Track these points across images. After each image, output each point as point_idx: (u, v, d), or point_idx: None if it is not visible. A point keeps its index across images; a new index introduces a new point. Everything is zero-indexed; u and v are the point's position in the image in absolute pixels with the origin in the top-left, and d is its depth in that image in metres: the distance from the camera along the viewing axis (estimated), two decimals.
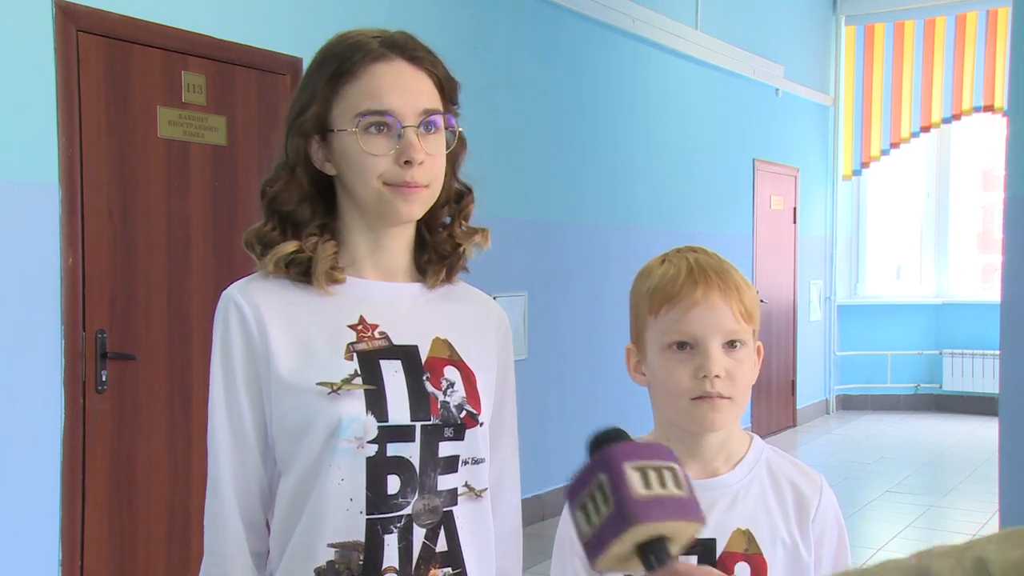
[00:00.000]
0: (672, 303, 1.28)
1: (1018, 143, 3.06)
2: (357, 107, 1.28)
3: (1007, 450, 3.11)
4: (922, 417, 8.89)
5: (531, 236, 5.38)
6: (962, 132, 9.20)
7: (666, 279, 1.29)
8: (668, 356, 1.28)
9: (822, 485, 1.34)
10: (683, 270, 1.29)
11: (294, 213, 1.33)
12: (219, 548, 1.28)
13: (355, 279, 1.34)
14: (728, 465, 1.32)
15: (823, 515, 1.32)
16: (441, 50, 1.43)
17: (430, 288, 1.39)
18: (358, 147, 1.27)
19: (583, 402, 5.83)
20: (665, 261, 1.34)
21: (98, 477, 3.29)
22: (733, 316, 1.28)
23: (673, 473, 0.95)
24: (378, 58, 1.29)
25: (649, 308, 1.30)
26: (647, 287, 1.32)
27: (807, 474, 1.35)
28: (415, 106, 1.29)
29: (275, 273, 1.32)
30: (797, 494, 1.32)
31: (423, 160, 1.28)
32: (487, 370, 1.39)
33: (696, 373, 1.26)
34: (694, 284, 1.27)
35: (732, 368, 1.27)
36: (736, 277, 1.31)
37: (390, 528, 1.26)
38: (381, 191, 1.28)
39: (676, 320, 1.27)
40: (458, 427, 1.32)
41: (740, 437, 1.35)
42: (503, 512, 1.45)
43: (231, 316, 1.29)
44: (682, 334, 1.27)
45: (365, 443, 1.25)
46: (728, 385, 1.26)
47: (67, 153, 3.17)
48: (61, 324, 3.18)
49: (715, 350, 1.26)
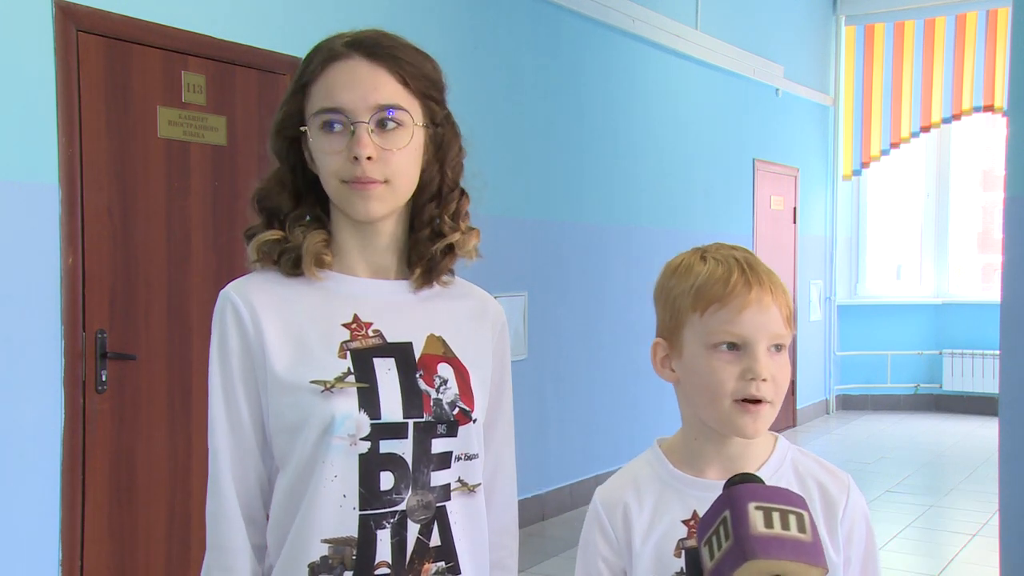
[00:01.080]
0: (723, 303, 1.25)
1: (1018, 143, 3.06)
2: (314, 106, 1.31)
3: (1007, 450, 3.11)
4: (922, 417, 8.89)
5: (531, 236, 5.38)
6: (962, 132, 9.20)
7: (716, 277, 1.27)
8: (714, 356, 1.26)
9: (849, 485, 1.32)
10: (735, 270, 1.27)
11: (277, 206, 1.36)
12: (221, 542, 1.30)
13: (348, 277, 1.36)
14: (754, 465, 1.30)
15: (851, 515, 1.30)
16: (441, 50, 1.43)
17: (416, 288, 1.38)
18: (317, 145, 1.31)
19: (583, 402, 5.83)
20: (707, 259, 1.31)
21: (98, 477, 3.29)
22: (781, 319, 1.27)
23: (799, 517, 0.97)
24: (335, 57, 1.31)
25: (694, 305, 1.27)
26: (691, 284, 1.29)
27: (834, 474, 1.33)
28: (367, 102, 1.29)
29: (262, 263, 1.34)
30: (824, 494, 1.30)
31: (371, 155, 1.28)
32: (482, 366, 1.40)
33: (744, 375, 1.24)
34: (748, 285, 1.25)
35: (776, 372, 1.25)
36: (780, 280, 1.30)
37: (383, 524, 1.27)
38: (339, 188, 1.31)
39: (727, 320, 1.25)
40: (451, 424, 1.33)
41: (765, 437, 1.34)
42: (499, 505, 1.46)
43: (227, 314, 1.31)
44: (732, 335, 1.25)
45: (358, 440, 1.27)
46: (771, 389, 1.25)
47: (67, 153, 3.17)
48: (61, 324, 3.18)
49: (763, 353, 1.25)
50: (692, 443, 1.32)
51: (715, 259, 1.30)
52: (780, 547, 0.95)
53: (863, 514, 1.32)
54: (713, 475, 1.30)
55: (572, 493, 5.59)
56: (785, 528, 0.95)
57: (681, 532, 1.28)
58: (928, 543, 5.15)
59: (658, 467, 1.34)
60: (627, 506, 1.31)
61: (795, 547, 0.96)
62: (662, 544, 1.27)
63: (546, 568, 4.65)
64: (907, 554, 4.94)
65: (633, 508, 1.31)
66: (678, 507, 1.29)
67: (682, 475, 1.31)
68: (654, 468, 1.34)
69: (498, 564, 1.45)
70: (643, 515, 1.30)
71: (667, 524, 1.28)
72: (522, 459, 1.54)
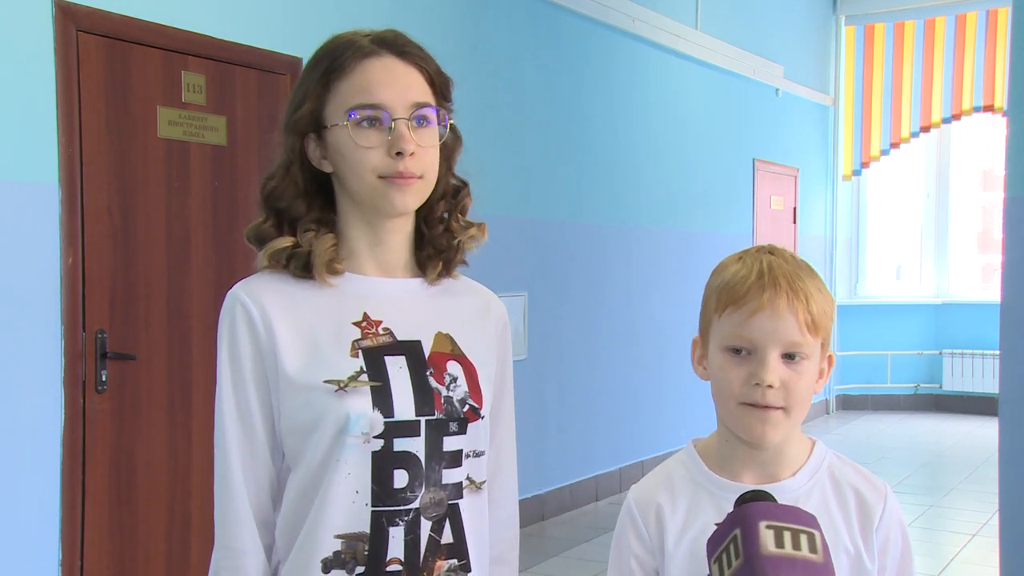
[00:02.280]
0: (737, 305, 1.24)
1: (1018, 143, 3.06)
2: (349, 102, 1.31)
3: (1007, 450, 3.11)
4: (922, 417, 8.89)
5: (531, 236, 5.38)
6: (962, 132, 9.20)
7: (736, 279, 1.25)
8: (725, 358, 1.25)
9: (887, 493, 1.31)
10: (753, 272, 1.25)
11: (290, 209, 1.35)
12: (231, 543, 1.30)
13: (357, 276, 1.36)
14: (789, 471, 1.29)
15: (887, 523, 1.28)
16: (441, 50, 1.44)
17: (430, 283, 1.41)
18: (351, 141, 1.30)
19: (583, 402, 5.83)
20: (741, 259, 1.29)
21: (98, 477, 3.29)
22: (797, 327, 1.22)
23: (810, 537, 0.96)
24: (368, 54, 1.32)
25: (716, 306, 1.27)
26: (718, 283, 1.28)
27: (871, 481, 1.32)
28: (405, 99, 1.31)
29: (271, 267, 1.34)
30: (860, 501, 1.29)
31: (414, 151, 1.30)
32: (487, 363, 1.42)
33: (749, 379, 1.23)
34: (761, 288, 1.23)
35: (789, 379, 1.23)
36: (808, 285, 1.24)
37: (396, 521, 1.28)
38: (375, 184, 1.31)
39: (738, 324, 1.23)
40: (461, 421, 1.34)
41: (801, 441, 1.32)
42: (501, 500, 1.47)
43: (238, 316, 1.31)
44: (741, 339, 1.23)
45: (371, 438, 1.28)
46: (782, 396, 1.23)
47: (67, 153, 3.17)
48: (61, 324, 3.18)
49: (772, 359, 1.22)
50: (724, 445, 1.31)
51: (745, 261, 1.28)
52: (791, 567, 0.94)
53: (899, 523, 1.30)
54: (748, 479, 1.29)
55: (572, 493, 5.59)
56: (796, 548, 0.95)
57: None
58: (928, 543, 5.15)
59: (692, 468, 1.33)
60: (660, 506, 1.30)
61: (805, 568, 0.95)
62: (696, 546, 1.26)
63: (546, 568, 4.64)
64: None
65: (666, 508, 1.30)
66: (712, 509, 1.28)
67: (717, 478, 1.30)
68: (688, 469, 1.33)
69: (499, 558, 1.47)
70: (677, 516, 1.29)
71: (701, 526, 1.27)
72: (522, 459, 1.55)
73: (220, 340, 1.32)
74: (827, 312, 1.26)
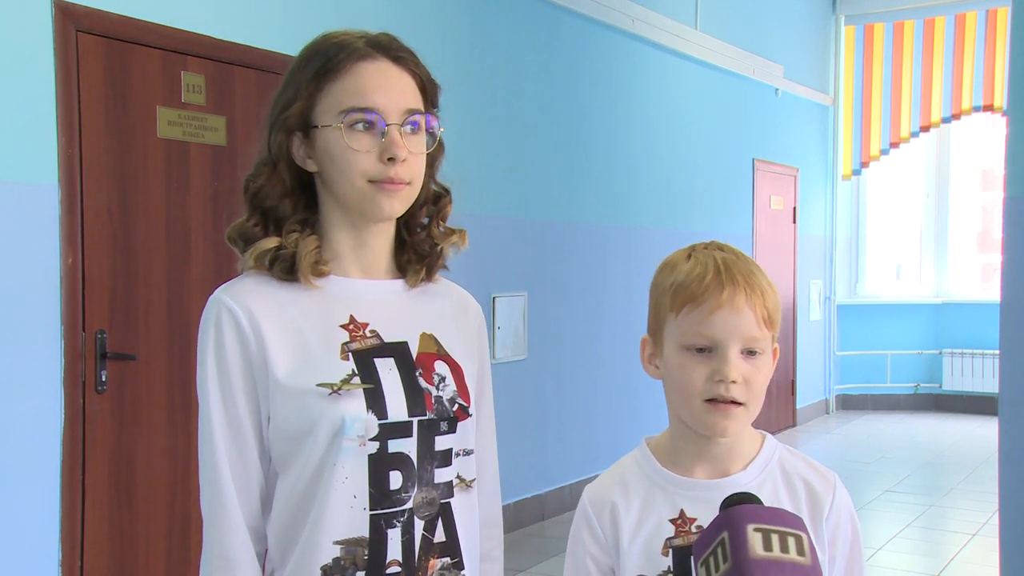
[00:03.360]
0: (696, 303, 1.25)
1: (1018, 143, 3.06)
2: (342, 104, 1.30)
3: (1007, 450, 3.11)
4: (922, 417, 8.89)
5: (531, 236, 5.38)
6: (962, 132, 9.20)
7: (691, 277, 1.26)
8: (686, 356, 1.26)
9: (835, 483, 1.32)
10: (710, 269, 1.26)
11: (276, 208, 1.35)
12: (224, 553, 1.29)
13: (340, 278, 1.36)
14: (740, 464, 1.31)
15: (837, 514, 1.30)
16: (441, 50, 1.44)
17: (411, 286, 1.41)
18: (342, 143, 1.29)
19: (583, 402, 5.83)
20: (692, 257, 1.30)
21: (98, 477, 3.29)
22: (756, 322, 1.25)
23: (798, 540, 0.97)
24: (363, 57, 1.31)
25: (671, 305, 1.27)
26: (671, 282, 1.29)
27: (820, 472, 1.34)
28: (399, 105, 1.31)
29: (256, 269, 1.34)
30: (810, 493, 1.31)
31: (405, 157, 1.30)
32: (470, 361, 1.43)
33: (712, 376, 1.24)
34: (720, 286, 1.24)
35: (749, 374, 1.25)
36: (762, 280, 1.28)
37: (393, 523, 1.29)
38: (364, 187, 1.30)
39: (698, 322, 1.25)
40: (451, 420, 1.35)
41: (752, 436, 1.34)
42: (485, 498, 1.47)
43: (224, 321, 1.29)
44: (702, 337, 1.24)
45: (367, 441, 1.27)
46: (743, 391, 1.25)
47: (67, 153, 3.17)
48: (61, 324, 3.18)
49: (734, 355, 1.24)
50: (678, 441, 1.33)
51: (697, 258, 1.29)
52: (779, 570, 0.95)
53: (849, 513, 1.32)
54: (700, 474, 1.31)
55: (572, 493, 5.59)
56: (784, 551, 0.95)
57: (669, 531, 1.28)
58: (928, 543, 5.15)
59: (646, 466, 1.34)
60: (615, 504, 1.32)
61: (793, 570, 0.95)
62: (650, 542, 1.28)
63: (546, 568, 4.65)
64: (907, 554, 4.94)
65: (621, 506, 1.31)
66: (665, 506, 1.30)
67: (669, 474, 1.32)
68: (642, 467, 1.35)
69: (487, 555, 1.48)
70: (631, 514, 1.31)
71: (655, 522, 1.29)
72: (522, 459, 1.55)
73: (204, 346, 1.30)
74: (778, 306, 1.30)
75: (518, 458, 5.10)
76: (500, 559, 1.52)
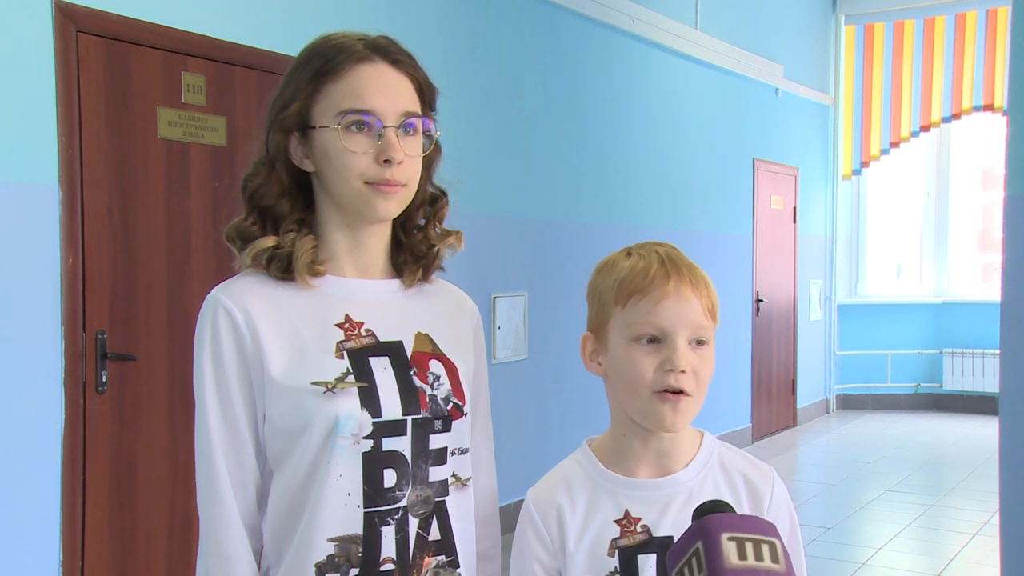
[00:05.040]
0: (643, 294, 1.27)
1: (1018, 142, 3.06)
2: (339, 105, 1.31)
3: (1007, 449, 3.11)
4: (922, 416, 8.89)
5: (531, 236, 5.38)
6: (962, 131, 9.20)
7: (636, 271, 1.29)
8: (635, 348, 1.27)
9: (773, 477, 1.35)
10: (654, 262, 1.29)
11: (273, 208, 1.36)
12: (222, 550, 1.29)
13: (336, 277, 1.37)
14: (681, 463, 1.33)
15: (776, 506, 1.33)
16: (441, 50, 1.44)
17: (407, 286, 1.42)
18: (339, 144, 1.30)
19: (583, 402, 5.83)
20: (632, 254, 1.33)
21: (98, 477, 3.29)
22: (702, 312, 1.28)
23: (771, 547, 0.97)
24: (362, 59, 1.33)
25: (616, 299, 1.29)
26: (614, 279, 1.31)
27: (758, 467, 1.36)
28: (396, 107, 1.32)
29: (254, 268, 1.35)
30: (750, 487, 1.33)
31: (402, 160, 1.31)
32: (465, 361, 1.43)
33: (662, 366, 1.25)
34: (666, 277, 1.27)
35: (697, 365, 1.27)
36: (704, 273, 1.32)
37: (387, 520, 1.29)
38: (360, 189, 1.31)
39: (646, 312, 1.26)
40: (446, 419, 1.36)
41: (691, 434, 1.36)
42: (481, 497, 1.48)
43: (220, 321, 1.31)
44: (651, 326, 1.26)
45: (361, 439, 1.28)
46: (692, 381, 1.26)
47: (67, 153, 3.17)
48: (61, 324, 3.18)
49: (682, 345, 1.26)
50: (621, 440, 1.34)
51: (638, 254, 1.32)
52: None
53: (787, 505, 1.35)
54: (643, 473, 1.32)
55: None
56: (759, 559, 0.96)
57: (614, 532, 1.29)
58: (928, 542, 5.15)
59: (588, 467, 1.35)
60: (560, 506, 1.32)
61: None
62: (596, 544, 1.29)
63: None
64: (907, 554, 4.94)
65: (566, 509, 1.32)
66: (610, 507, 1.30)
67: (613, 475, 1.33)
68: (584, 468, 1.35)
69: (483, 555, 1.48)
70: (576, 516, 1.31)
71: (600, 524, 1.30)
72: (522, 459, 1.56)
73: (200, 344, 1.32)
74: (718, 303, 1.32)
75: (517, 458, 5.09)
76: (497, 558, 1.53)
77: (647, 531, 1.28)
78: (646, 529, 1.28)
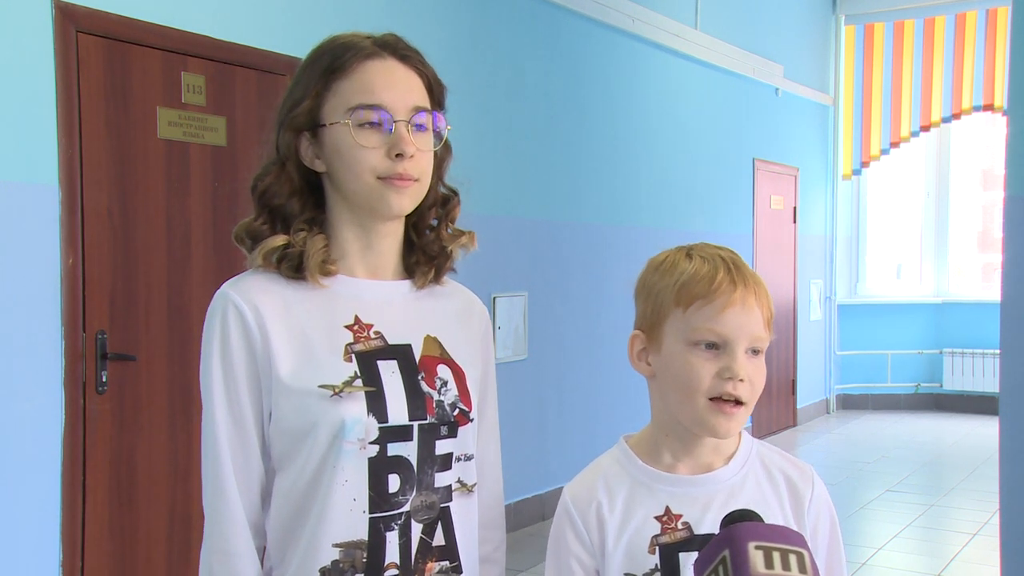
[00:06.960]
0: (707, 300, 1.25)
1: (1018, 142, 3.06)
2: (350, 101, 1.30)
3: (1007, 449, 3.11)
4: (922, 416, 8.89)
5: (531, 236, 5.38)
6: (962, 131, 9.20)
7: (701, 275, 1.27)
8: (693, 352, 1.26)
9: (813, 475, 1.35)
10: (721, 268, 1.27)
11: (284, 207, 1.35)
12: (225, 547, 1.29)
13: (347, 278, 1.36)
14: (722, 460, 1.32)
15: (817, 505, 1.32)
16: (441, 50, 1.44)
17: (418, 288, 1.41)
18: (350, 140, 1.30)
19: (583, 402, 5.83)
20: (693, 257, 1.31)
21: (98, 477, 3.29)
22: (763, 322, 1.27)
23: (799, 557, 0.97)
24: (371, 55, 1.32)
25: (677, 300, 1.27)
26: (675, 280, 1.29)
27: (797, 465, 1.36)
28: (406, 102, 1.32)
29: (264, 267, 1.33)
30: (791, 485, 1.32)
31: (413, 153, 1.31)
32: (473, 366, 1.42)
33: (721, 373, 1.24)
34: (733, 284, 1.26)
35: (753, 375, 1.26)
36: (764, 284, 1.31)
37: (391, 525, 1.29)
38: (373, 184, 1.30)
39: (709, 318, 1.25)
40: (452, 425, 1.35)
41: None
42: (487, 501, 1.47)
43: (230, 316, 1.30)
44: (713, 333, 1.25)
45: (367, 444, 1.27)
46: (748, 390, 1.25)
47: (67, 153, 3.17)
48: (61, 325, 3.18)
49: (741, 354, 1.25)
50: (662, 439, 1.33)
51: (701, 257, 1.30)
52: None
53: (827, 504, 1.34)
54: (683, 470, 1.31)
55: None
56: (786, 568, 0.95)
57: (654, 528, 1.28)
58: (928, 542, 5.15)
59: (627, 463, 1.34)
60: (600, 504, 1.31)
61: None
62: (635, 541, 1.28)
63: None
64: (907, 553, 4.94)
65: (605, 506, 1.31)
66: (650, 503, 1.29)
67: (653, 471, 1.31)
68: (623, 465, 1.34)
69: (487, 558, 1.47)
70: (615, 512, 1.30)
71: (639, 521, 1.29)
72: (522, 459, 1.55)
73: (209, 340, 1.31)
74: (774, 312, 1.32)
75: (518, 458, 5.09)
76: (501, 561, 1.52)
77: (688, 528, 1.27)
78: (687, 526, 1.27)
